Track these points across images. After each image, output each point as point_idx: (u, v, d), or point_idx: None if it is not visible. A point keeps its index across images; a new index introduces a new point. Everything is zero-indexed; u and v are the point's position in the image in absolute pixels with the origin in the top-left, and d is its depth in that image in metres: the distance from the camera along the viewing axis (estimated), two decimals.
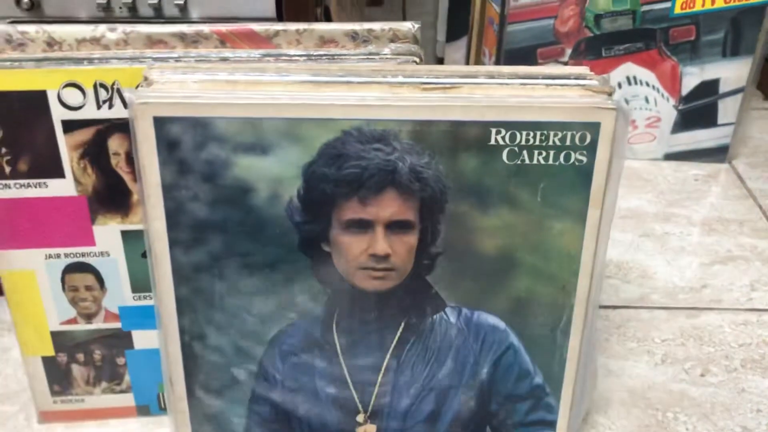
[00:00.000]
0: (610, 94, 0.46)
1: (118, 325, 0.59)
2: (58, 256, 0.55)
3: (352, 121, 0.45)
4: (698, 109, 1.02)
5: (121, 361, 0.60)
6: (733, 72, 0.99)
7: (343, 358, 0.52)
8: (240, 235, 0.48)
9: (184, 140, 0.45)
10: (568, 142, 0.46)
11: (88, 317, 0.58)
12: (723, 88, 1.01)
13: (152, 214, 0.47)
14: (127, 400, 0.62)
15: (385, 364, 0.52)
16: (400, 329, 0.51)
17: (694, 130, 1.04)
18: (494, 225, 0.48)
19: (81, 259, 0.56)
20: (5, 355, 0.69)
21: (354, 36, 0.51)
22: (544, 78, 0.47)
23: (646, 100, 1.02)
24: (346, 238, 0.48)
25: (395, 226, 0.48)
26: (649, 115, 1.03)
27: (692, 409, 0.65)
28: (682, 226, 0.91)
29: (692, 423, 0.63)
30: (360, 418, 0.53)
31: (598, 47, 0.98)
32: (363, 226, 0.48)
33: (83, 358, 0.60)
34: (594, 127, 0.45)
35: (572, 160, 0.46)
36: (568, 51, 0.98)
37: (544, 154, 0.46)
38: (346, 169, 0.46)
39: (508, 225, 0.48)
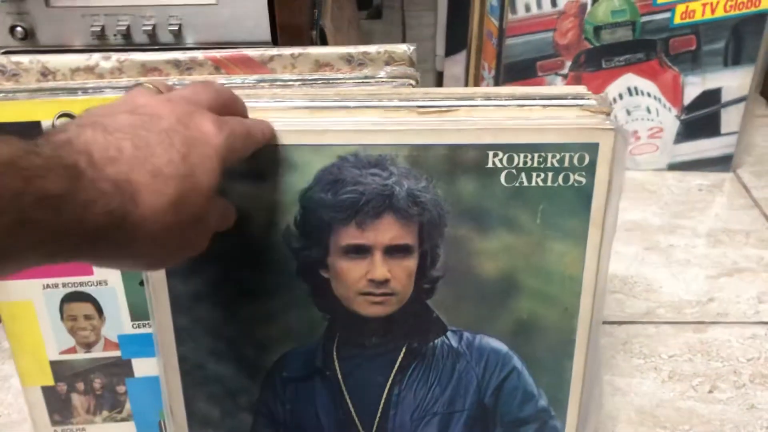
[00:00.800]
0: (608, 114, 0.45)
1: (117, 353, 0.58)
2: (56, 285, 0.55)
3: (347, 147, 0.44)
4: (701, 119, 1.02)
5: (121, 389, 0.60)
6: (735, 81, 0.99)
7: (345, 384, 0.51)
8: (238, 264, 0.47)
9: None
10: (566, 164, 0.45)
11: (88, 346, 0.58)
12: (725, 97, 1.00)
13: None
14: (129, 428, 0.62)
15: (386, 389, 0.51)
16: (402, 354, 0.50)
17: (697, 140, 1.03)
18: (494, 248, 0.47)
19: (79, 289, 0.55)
20: (6, 383, 0.69)
21: (349, 59, 0.51)
22: (541, 99, 0.46)
23: (648, 110, 1.02)
24: (345, 263, 0.47)
25: (394, 251, 0.47)
26: (652, 126, 1.03)
27: (701, 427, 0.64)
28: (687, 238, 0.91)
29: None
30: None
31: (598, 59, 0.98)
32: (361, 251, 0.47)
33: (83, 387, 0.59)
34: (592, 148, 0.45)
35: (571, 181, 0.46)
36: (568, 63, 0.98)
37: (542, 175, 0.45)
38: (343, 194, 0.45)
39: (508, 247, 0.47)
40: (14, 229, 0.25)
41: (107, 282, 0.55)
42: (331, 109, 0.46)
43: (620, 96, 1.00)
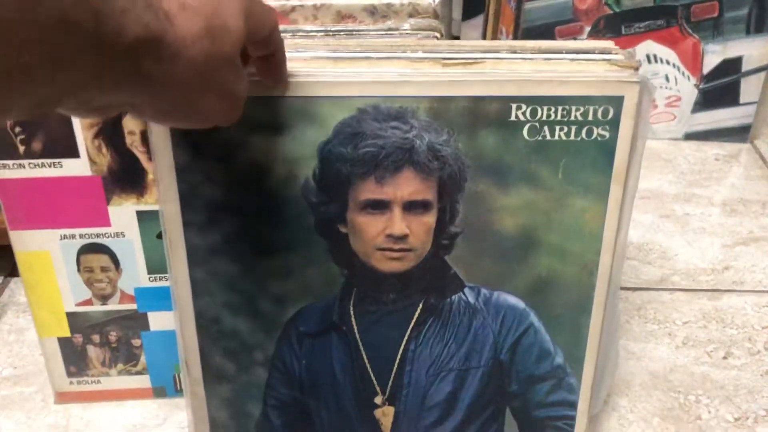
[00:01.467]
0: (636, 69, 0.45)
1: (133, 306, 0.58)
2: (73, 236, 0.55)
3: (367, 99, 0.44)
4: (720, 88, 1.00)
5: (136, 342, 0.60)
6: (756, 49, 0.97)
7: (361, 340, 0.51)
8: (255, 218, 0.47)
9: None
10: (590, 117, 0.45)
11: (104, 298, 0.58)
12: (746, 66, 0.99)
13: (166, 197, 0.46)
14: (143, 381, 0.62)
15: (402, 345, 0.51)
16: (418, 310, 0.50)
17: (715, 109, 1.02)
18: (514, 203, 0.47)
19: (96, 240, 0.55)
20: (21, 336, 0.69)
21: (373, 11, 0.50)
22: (568, 52, 0.46)
23: (667, 78, 1.00)
24: (363, 218, 0.47)
25: (413, 206, 0.47)
26: (670, 94, 1.02)
27: (715, 392, 0.64)
28: (703, 207, 0.90)
29: (715, 406, 0.62)
30: (378, 400, 0.53)
31: (618, 25, 0.97)
32: (380, 206, 0.46)
33: (99, 340, 0.60)
34: (617, 101, 0.44)
35: (594, 136, 0.45)
36: (587, 29, 0.97)
37: (565, 129, 0.45)
38: (362, 148, 0.45)
39: (528, 203, 0.47)
40: (57, 28, 0.25)
41: (124, 234, 0.55)
42: (354, 60, 0.45)
43: (640, 62, 0.99)
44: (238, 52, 0.34)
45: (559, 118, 0.44)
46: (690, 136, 1.04)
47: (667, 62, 0.99)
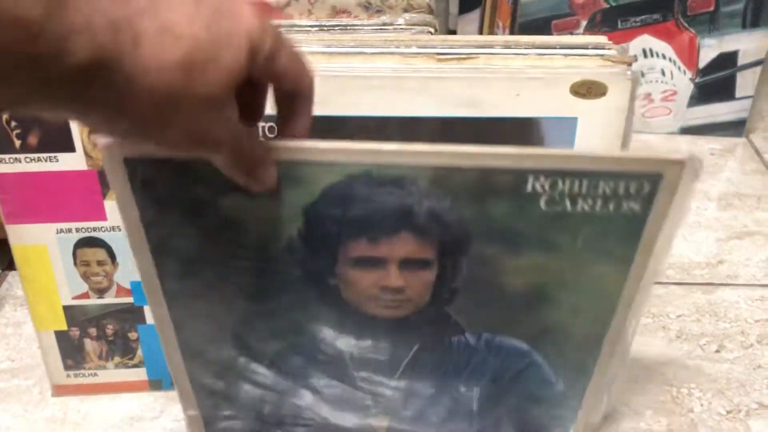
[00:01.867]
0: (629, 64, 0.45)
1: (130, 299, 0.58)
2: (69, 230, 0.55)
3: (360, 166, 0.38)
4: (716, 82, 1.01)
5: (133, 335, 0.60)
6: (752, 44, 0.97)
7: (353, 373, 0.49)
8: (236, 269, 0.43)
9: (161, 182, 0.39)
10: (621, 192, 0.38)
11: (100, 292, 0.58)
12: (742, 61, 0.99)
13: (136, 249, 0.42)
14: (140, 374, 0.62)
15: (396, 377, 0.49)
16: (414, 350, 0.47)
17: (711, 104, 1.02)
18: (525, 266, 0.42)
19: (92, 234, 0.55)
20: (19, 329, 0.70)
21: (367, 6, 0.50)
22: (561, 48, 0.46)
23: (663, 72, 1.01)
24: (356, 273, 0.43)
25: (410, 264, 0.42)
26: (665, 89, 1.02)
27: (707, 385, 0.64)
28: (699, 201, 0.90)
29: (707, 399, 0.63)
30: (374, 411, 0.52)
31: (614, 19, 0.97)
32: (374, 263, 0.42)
33: (96, 333, 0.60)
34: (655, 178, 0.38)
35: (624, 209, 0.39)
36: (584, 23, 0.97)
37: (590, 202, 0.39)
38: (353, 210, 0.40)
39: (540, 266, 0.42)
40: None
41: (121, 228, 0.55)
42: (348, 55, 0.45)
43: (635, 57, 0.99)
44: (223, 93, 0.29)
45: (584, 191, 0.38)
46: (685, 131, 1.04)
47: (663, 56, 0.99)
